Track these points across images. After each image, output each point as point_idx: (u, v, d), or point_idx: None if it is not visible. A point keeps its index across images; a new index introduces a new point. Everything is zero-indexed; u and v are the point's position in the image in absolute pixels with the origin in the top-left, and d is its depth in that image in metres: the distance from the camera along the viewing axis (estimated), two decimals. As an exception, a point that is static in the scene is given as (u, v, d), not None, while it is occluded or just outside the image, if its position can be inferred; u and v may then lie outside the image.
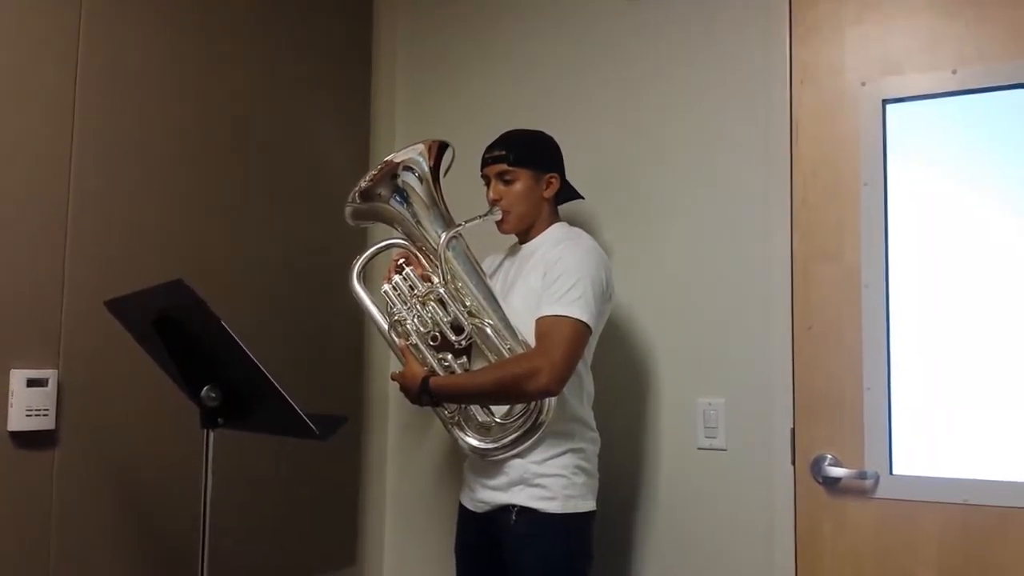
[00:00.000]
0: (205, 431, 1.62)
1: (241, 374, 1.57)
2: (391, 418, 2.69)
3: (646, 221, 2.34)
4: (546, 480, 1.92)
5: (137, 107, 2.00)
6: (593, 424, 2.05)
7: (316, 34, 2.52)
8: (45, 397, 1.78)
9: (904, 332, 2.05)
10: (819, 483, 2.10)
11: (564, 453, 1.94)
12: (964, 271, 2.00)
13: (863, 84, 2.13)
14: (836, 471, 2.08)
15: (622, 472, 2.31)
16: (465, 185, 2.17)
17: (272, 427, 1.73)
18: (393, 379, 2.04)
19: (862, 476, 2.04)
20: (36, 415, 1.76)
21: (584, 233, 2.07)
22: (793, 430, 2.13)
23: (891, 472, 2.04)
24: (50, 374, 1.79)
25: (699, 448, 2.23)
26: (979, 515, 1.94)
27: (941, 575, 1.97)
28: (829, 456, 2.09)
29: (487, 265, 2.19)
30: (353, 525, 2.59)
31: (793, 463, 2.13)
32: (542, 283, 1.94)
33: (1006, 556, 1.92)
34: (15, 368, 1.74)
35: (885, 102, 2.10)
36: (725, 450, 2.20)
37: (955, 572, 1.96)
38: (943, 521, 1.97)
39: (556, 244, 2.00)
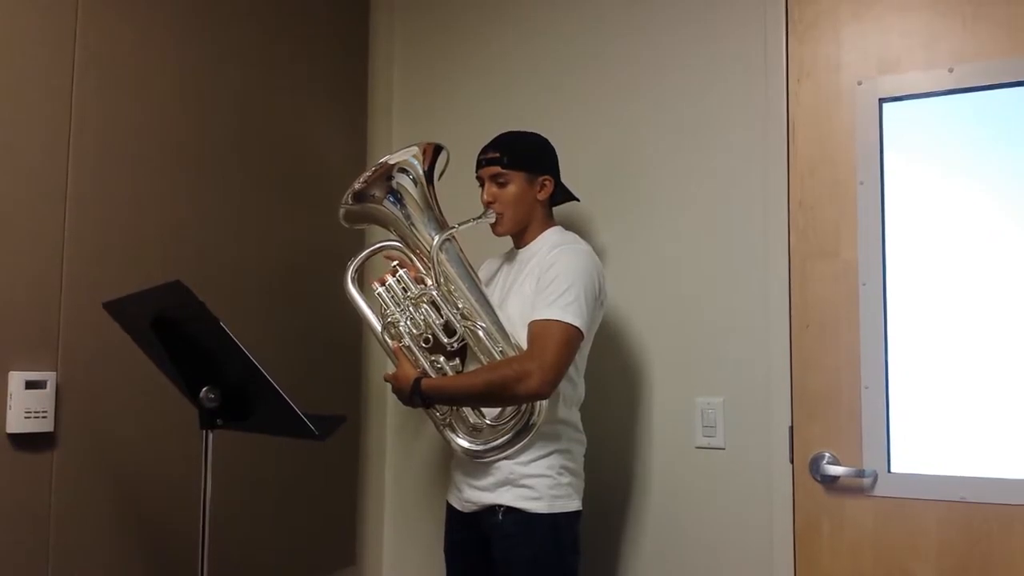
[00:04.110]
0: (204, 432, 1.62)
1: (240, 375, 1.57)
2: (389, 418, 2.70)
3: (643, 221, 2.35)
4: (532, 480, 1.93)
5: (134, 108, 2.00)
6: (580, 426, 2.05)
7: (313, 35, 2.52)
8: (44, 399, 1.78)
9: (902, 330, 2.05)
10: (817, 481, 2.10)
11: (550, 454, 1.95)
12: (962, 269, 2.01)
13: (860, 82, 2.13)
14: (834, 469, 2.08)
15: (620, 471, 2.31)
16: (462, 186, 2.17)
17: (271, 427, 1.74)
18: (386, 380, 2.05)
19: (860, 474, 2.05)
20: (35, 417, 1.76)
21: (579, 238, 2.08)
22: (791, 428, 2.14)
23: (889, 470, 2.04)
24: (49, 376, 1.79)
25: (697, 447, 2.23)
26: (977, 512, 1.95)
27: (939, 572, 1.97)
28: (827, 454, 2.10)
29: (484, 271, 2.20)
30: (352, 525, 2.60)
31: (791, 461, 2.13)
32: (536, 288, 1.95)
33: (1004, 553, 1.92)
34: (14, 370, 1.74)
35: (882, 100, 2.11)
36: (723, 449, 2.21)
37: (953, 569, 1.96)
38: (941, 518, 1.98)
39: (551, 250, 2.01)
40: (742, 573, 2.16)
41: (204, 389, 1.60)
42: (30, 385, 1.75)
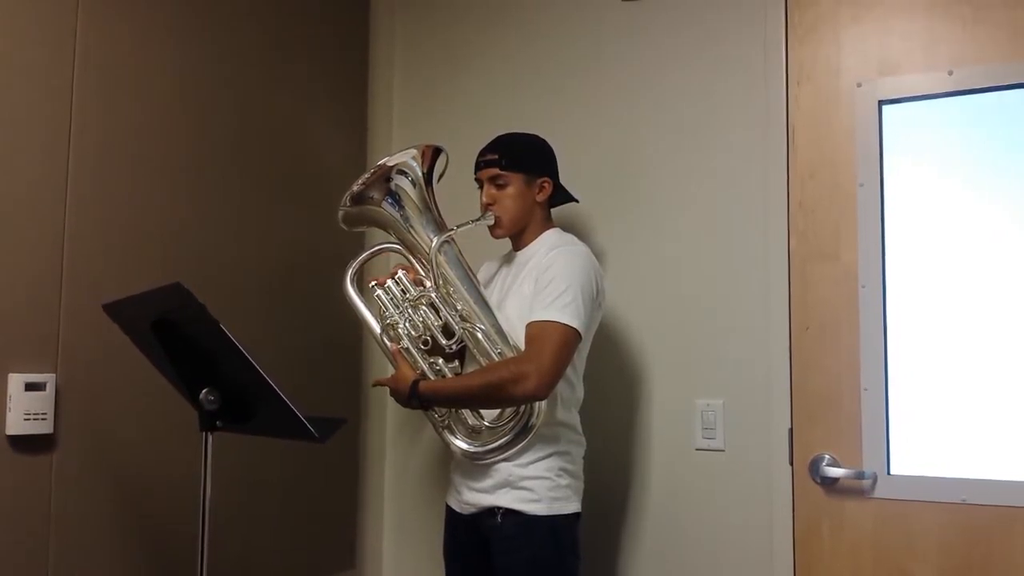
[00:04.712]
0: (204, 434, 1.62)
1: (239, 377, 1.57)
2: (389, 420, 2.69)
3: (644, 223, 2.35)
4: (531, 482, 1.93)
5: (134, 108, 2.00)
6: (579, 428, 2.05)
7: (313, 36, 2.52)
8: (43, 401, 1.78)
9: (901, 332, 2.05)
10: (817, 483, 2.10)
11: (549, 456, 1.95)
12: (961, 271, 2.01)
13: (859, 85, 2.13)
14: (834, 471, 2.08)
15: (620, 473, 2.31)
16: (462, 187, 2.17)
17: (271, 429, 1.73)
18: (382, 383, 2.04)
19: (860, 476, 2.05)
20: (34, 419, 1.76)
21: (577, 240, 2.08)
22: (791, 430, 2.14)
23: (889, 472, 2.04)
24: (48, 378, 1.79)
25: (697, 449, 2.23)
26: (977, 514, 1.95)
27: (939, 574, 1.97)
28: (827, 456, 2.10)
29: (483, 273, 2.20)
30: (352, 528, 2.60)
31: (791, 463, 2.13)
32: (534, 290, 1.95)
33: (1004, 555, 1.92)
34: (13, 372, 1.74)
35: (881, 103, 2.11)
36: (723, 451, 2.21)
37: (953, 571, 1.96)
38: (941, 520, 1.98)
39: (549, 251, 2.00)
40: (742, 575, 2.16)
41: (204, 391, 1.59)
42: (30, 387, 1.75)
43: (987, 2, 2.02)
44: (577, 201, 2.20)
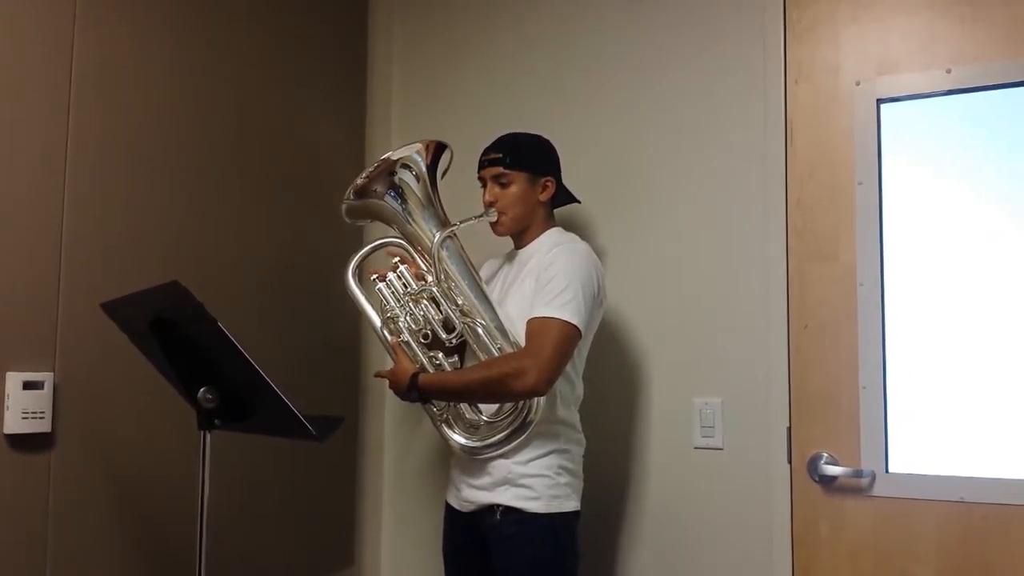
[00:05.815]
0: (202, 433, 1.62)
1: (238, 375, 1.57)
2: (388, 418, 2.70)
3: (643, 222, 2.35)
4: (530, 480, 1.93)
5: (133, 108, 2.00)
6: (579, 426, 2.06)
7: (313, 36, 2.52)
8: (41, 400, 1.78)
9: (900, 330, 2.05)
10: (815, 481, 2.11)
11: (549, 454, 1.95)
12: (959, 269, 2.01)
13: (858, 83, 2.13)
14: (832, 469, 2.08)
15: (619, 472, 2.31)
16: (463, 187, 2.17)
17: (269, 428, 1.74)
18: (381, 376, 2.05)
19: (858, 474, 2.05)
20: (32, 418, 1.76)
21: (578, 238, 2.08)
22: (789, 429, 2.14)
23: (887, 470, 2.04)
24: (46, 376, 1.79)
25: (696, 447, 2.23)
26: (975, 512, 1.95)
27: (938, 573, 1.97)
28: (825, 455, 2.10)
29: (485, 271, 2.21)
30: (351, 526, 2.60)
31: (790, 462, 2.13)
32: (535, 288, 1.95)
33: (1003, 553, 1.92)
34: (11, 371, 1.74)
35: (880, 101, 2.11)
36: (722, 449, 2.21)
37: (952, 570, 1.96)
38: (939, 519, 1.98)
39: (550, 249, 2.01)
40: (741, 573, 2.16)
41: (202, 390, 1.59)
42: (28, 386, 1.75)
43: (986, 1, 2.02)
44: (580, 202, 2.20)
